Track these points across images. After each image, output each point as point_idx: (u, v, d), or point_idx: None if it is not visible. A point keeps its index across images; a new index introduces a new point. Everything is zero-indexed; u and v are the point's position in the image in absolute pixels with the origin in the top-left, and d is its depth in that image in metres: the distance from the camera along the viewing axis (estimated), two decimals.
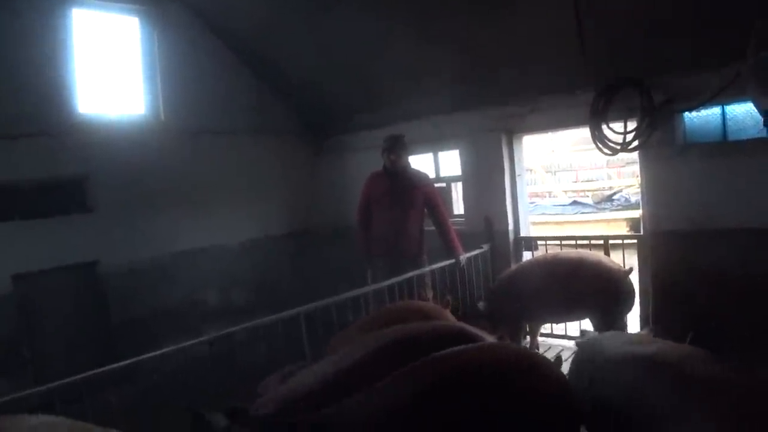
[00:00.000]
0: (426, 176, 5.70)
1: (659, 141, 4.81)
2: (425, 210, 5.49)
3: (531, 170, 15.61)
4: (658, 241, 4.97)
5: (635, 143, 4.84)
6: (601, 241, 5.65)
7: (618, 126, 4.92)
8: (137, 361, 3.29)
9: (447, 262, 5.38)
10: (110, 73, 6.38)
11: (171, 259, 6.51)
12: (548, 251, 5.87)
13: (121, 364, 3.24)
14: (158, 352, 3.35)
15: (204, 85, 6.82)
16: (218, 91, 7.00)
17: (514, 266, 5.52)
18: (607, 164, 17.45)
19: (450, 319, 3.57)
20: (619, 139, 4.92)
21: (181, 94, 6.63)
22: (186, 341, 3.64)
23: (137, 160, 6.14)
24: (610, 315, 4.56)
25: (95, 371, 3.08)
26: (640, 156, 5.11)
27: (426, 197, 5.42)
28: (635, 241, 5.45)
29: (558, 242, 5.95)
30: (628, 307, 4.74)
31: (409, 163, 5.57)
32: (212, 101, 6.91)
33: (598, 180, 17.29)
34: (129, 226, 6.12)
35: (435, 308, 3.96)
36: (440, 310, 3.94)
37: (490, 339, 3.15)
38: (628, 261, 5.25)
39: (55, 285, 5.77)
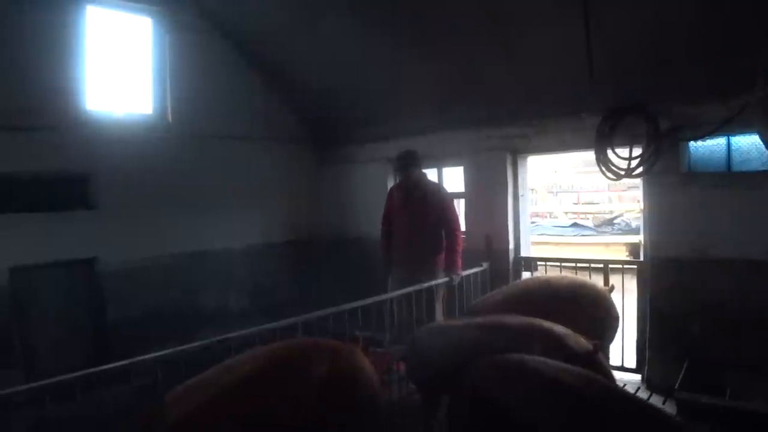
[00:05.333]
0: (439, 188, 5.72)
1: (663, 168, 4.82)
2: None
3: (533, 189, 15.61)
4: (658, 268, 4.98)
5: (639, 170, 4.86)
6: (601, 265, 5.62)
7: (623, 151, 4.94)
8: (132, 362, 3.25)
9: (442, 280, 5.33)
10: (120, 72, 6.40)
11: (170, 260, 6.50)
12: (547, 272, 5.89)
13: (116, 364, 3.21)
14: (154, 355, 3.32)
15: (212, 88, 6.85)
16: (226, 95, 7.02)
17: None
18: (609, 187, 17.47)
19: (358, 354, 3.43)
20: (624, 164, 4.94)
21: (189, 96, 6.65)
22: (181, 343, 3.61)
23: (142, 159, 6.16)
24: None
25: (88, 371, 3.03)
26: (644, 182, 5.13)
27: (437, 210, 5.41)
28: (635, 266, 5.44)
29: (558, 264, 5.93)
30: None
31: (423, 176, 5.61)
32: (219, 105, 6.93)
33: (599, 203, 17.30)
34: (130, 225, 6.12)
35: (340, 345, 3.48)
36: (345, 347, 3.51)
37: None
38: (627, 286, 5.26)
39: (52, 280, 5.76)
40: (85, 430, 3.16)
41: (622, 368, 5.18)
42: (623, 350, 5.23)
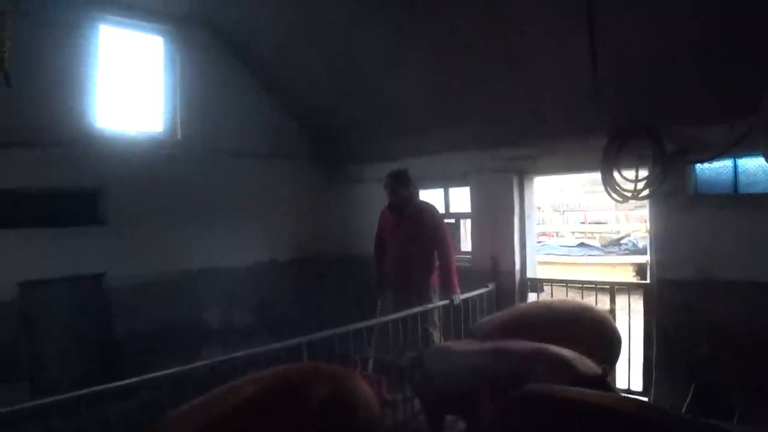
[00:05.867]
0: (431, 209, 5.60)
1: (670, 190, 4.83)
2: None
3: (539, 208, 15.58)
4: (664, 289, 4.96)
5: (646, 192, 4.87)
6: (607, 286, 5.61)
7: (629, 173, 4.95)
8: (137, 381, 3.27)
9: (443, 302, 5.28)
10: (131, 90, 6.50)
11: (177, 276, 6.53)
12: (553, 293, 5.88)
13: (121, 383, 3.22)
14: (160, 373, 3.33)
15: (222, 106, 6.93)
16: (235, 113, 7.09)
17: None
18: (616, 207, 17.38)
19: (358, 379, 3.44)
20: (631, 186, 4.95)
21: (199, 114, 6.74)
22: (187, 359, 3.65)
23: (151, 176, 6.23)
24: None
25: (94, 388, 3.05)
26: (650, 204, 5.12)
27: (429, 231, 5.34)
28: (641, 287, 5.43)
29: (564, 285, 5.91)
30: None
31: (414, 196, 5.52)
32: (229, 123, 7.01)
33: (606, 222, 17.23)
34: (138, 242, 6.16)
35: (341, 370, 3.52)
36: (346, 372, 3.53)
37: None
38: (633, 306, 5.24)
39: (61, 295, 5.79)
40: None
41: (628, 391, 5.13)
42: (629, 372, 5.20)
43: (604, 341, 4.34)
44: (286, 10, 6.05)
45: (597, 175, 5.24)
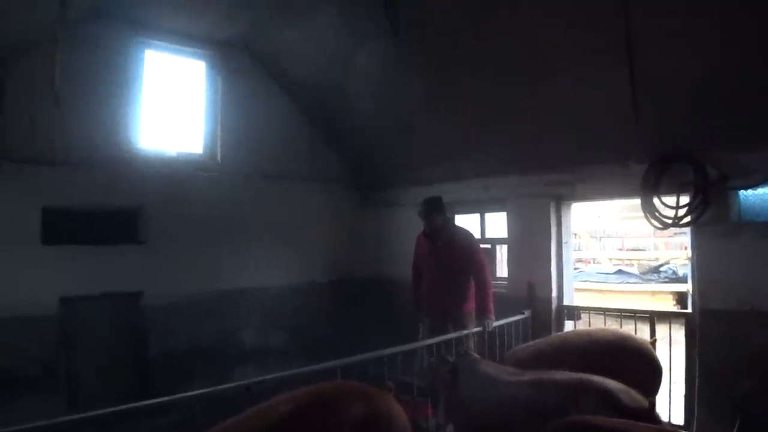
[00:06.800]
0: (466, 235, 5.55)
1: (712, 217, 4.70)
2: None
3: (576, 235, 15.36)
4: (706, 320, 4.80)
5: (687, 219, 4.75)
6: (647, 315, 5.46)
7: (670, 199, 4.85)
8: (174, 399, 3.29)
9: (476, 329, 5.17)
10: (173, 112, 6.69)
11: (213, 296, 6.61)
12: (590, 321, 5.75)
13: (156, 401, 3.24)
14: (195, 393, 3.35)
15: (261, 129, 7.06)
16: (274, 136, 7.22)
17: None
18: (655, 234, 17.04)
19: (392, 399, 3.38)
20: (671, 213, 4.85)
21: (239, 136, 6.88)
22: (221, 379, 3.65)
23: (191, 197, 6.36)
24: None
25: (130, 405, 3.08)
26: (692, 231, 4.99)
27: (464, 257, 5.28)
28: (682, 317, 5.27)
29: (602, 313, 5.78)
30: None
31: (448, 222, 5.53)
32: (267, 146, 7.14)
33: (644, 249, 16.87)
34: (176, 261, 6.28)
35: (376, 390, 3.42)
36: (379, 392, 3.43)
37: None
38: (674, 336, 5.09)
39: (99, 311, 5.92)
40: None
41: (669, 425, 4.97)
42: (670, 405, 5.04)
43: (645, 372, 4.21)
44: (325, 38, 6.17)
45: (635, 202, 5.15)
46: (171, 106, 6.68)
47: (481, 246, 6.91)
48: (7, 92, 5.06)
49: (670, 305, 10.95)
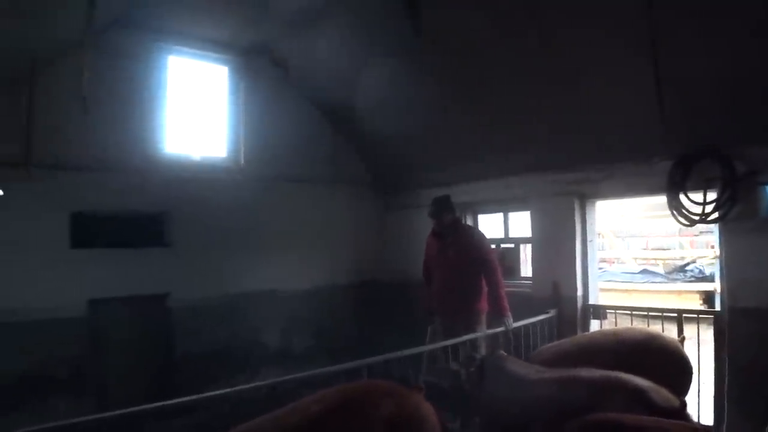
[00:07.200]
0: (476, 234, 5.55)
1: (741, 213, 4.60)
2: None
3: (600, 234, 15.18)
4: (735, 318, 4.70)
5: (715, 215, 4.67)
6: (674, 314, 5.37)
7: (697, 196, 4.78)
8: (201, 398, 3.33)
9: (499, 329, 5.14)
10: (197, 117, 6.77)
11: (238, 299, 6.68)
12: (616, 321, 5.68)
13: (183, 399, 3.29)
14: (222, 392, 3.38)
15: (284, 133, 7.10)
16: (297, 140, 7.26)
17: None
18: (680, 232, 16.78)
19: (421, 401, 3.36)
20: (698, 210, 4.77)
21: (262, 140, 6.95)
22: (245, 381, 3.68)
23: (215, 201, 6.43)
24: None
25: (158, 404, 3.13)
26: (720, 228, 4.90)
27: (474, 256, 5.24)
28: (710, 316, 5.19)
29: (628, 313, 5.71)
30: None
31: (458, 221, 5.51)
32: (290, 149, 7.19)
33: (669, 248, 16.62)
34: (201, 263, 6.36)
35: (406, 390, 3.38)
36: (407, 390, 3.40)
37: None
38: (702, 336, 5.01)
39: (127, 313, 6.02)
40: None
41: (699, 425, 4.87)
42: (699, 405, 4.96)
43: (675, 371, 4.14)
44: (346, 43, 6.19)
45: (659, 200, 5.08)
46: (195, 111, 6.76)
47: (505, 246, 6.93)
48: (35, 100, 5.15)
49: (697, 305, 10.77)
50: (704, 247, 14.28)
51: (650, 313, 5.55)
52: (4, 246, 5.11)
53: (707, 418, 4.95)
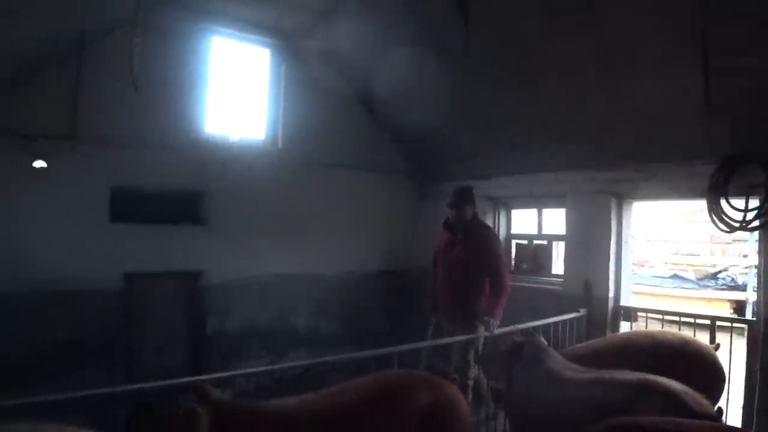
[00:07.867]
0: (487, 230, 5.25)
1: None
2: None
3: (631, 236, 14.95)
4: None
5: (756, 222, 4.59)
6: (707, 321, 5.29)
7: (738, 202, 4.69)
8: (235, 374, 3.39)
9: (483, 333, 4.73)
10: (237, 99, 6.84)
11: (269, 280, 6.77)
12: (647, 324, 5.61)
13: (218, 375, 3.36)
14: (255, 369, 3.46)
15: (321, 118, 7.13)
16: (334, 125, 7.28)
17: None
18: (712, 239, 16.47)
19: (456, 391, 3.35)
20: (739, 216, 4.69)
21: (300, 124, 6.98)
22: (273, 361, 3.73)
23: (252, 182, 6.51)
24: None
25: (193, 378, 3.20)
26: (761, 236, 4.82)
27: (482, 258, 4.93)
28: (744, 324, 5.10)
29: (660, 317, 5.64)
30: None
31: (476, 217, 5.22)
32: (327, 135, 7.21)
33: (700, 255, 16.34)
34: (235, 243, 6.44)
35: (442, 380, 3.37)
36: (441, 380, 3.38)
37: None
38: (733, 345, 4.93)
39: (161, 288, 6.16)
40: None
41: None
42: (727, 415, 4.88)
43: (709, 378, 4.09)
44: (390, 29, 6.17)
45: (694, 206, 5.00)
46: (235, 92, 6.83)
47: (538, 242, 6.87)
48: (83, 75, 5.26)
49: (727, 313, 10.59)
50: (736, 255, 14.03)
51: (682, 319, 5.45)
52: (46, 217, 5.24)
53: None
